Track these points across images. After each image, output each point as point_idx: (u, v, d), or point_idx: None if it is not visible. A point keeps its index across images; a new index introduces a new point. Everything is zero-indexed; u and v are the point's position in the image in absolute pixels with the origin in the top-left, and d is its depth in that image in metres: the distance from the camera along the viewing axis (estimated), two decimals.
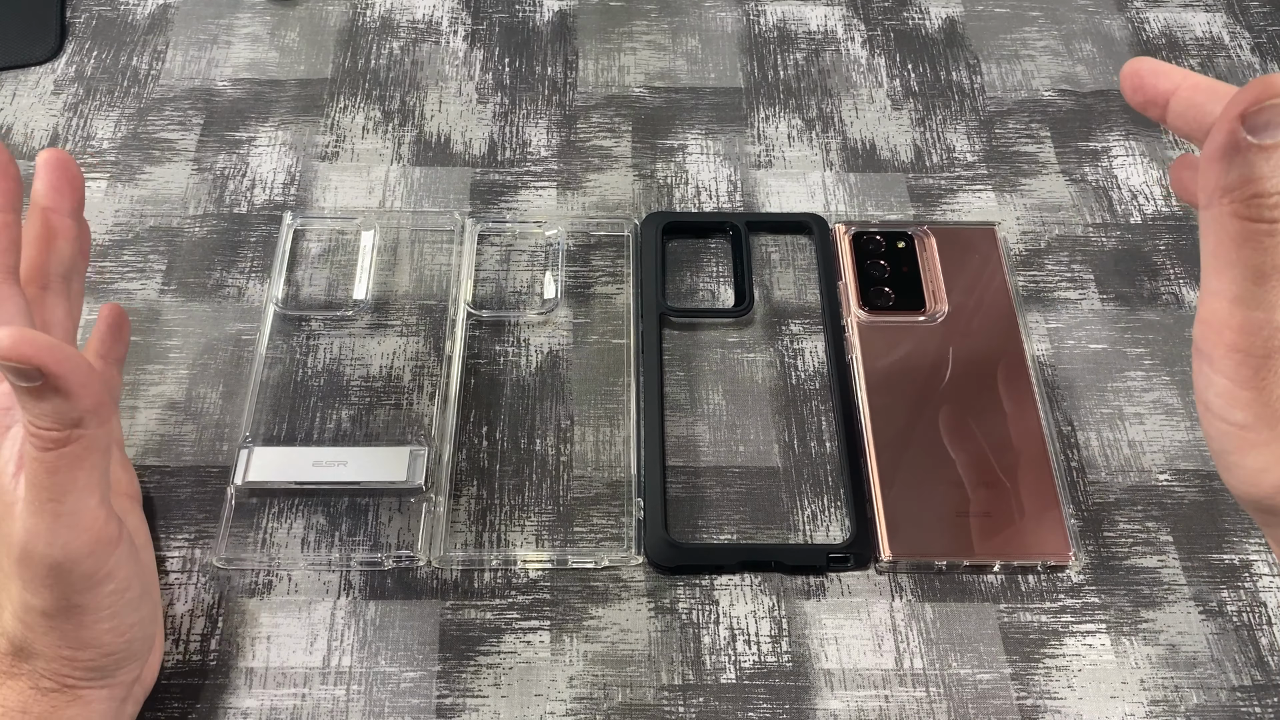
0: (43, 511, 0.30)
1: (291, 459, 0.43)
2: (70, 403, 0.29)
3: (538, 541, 0.42)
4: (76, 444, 0.30)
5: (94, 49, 0.57)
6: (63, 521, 0.31)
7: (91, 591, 0.32)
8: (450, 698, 0.39)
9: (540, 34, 0.58)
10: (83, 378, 0.29)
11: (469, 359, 0.46)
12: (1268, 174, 0.24)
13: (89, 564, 0.32)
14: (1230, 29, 0.59)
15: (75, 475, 0.30)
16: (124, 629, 0.34)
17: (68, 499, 0.30)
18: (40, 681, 0.33)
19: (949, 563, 0.41)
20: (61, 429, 0.29)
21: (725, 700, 0.39)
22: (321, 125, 0.54)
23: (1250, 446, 0.26)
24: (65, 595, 0.32)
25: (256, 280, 0.49)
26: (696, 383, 0.46)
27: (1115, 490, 0.44)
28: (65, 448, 0.30)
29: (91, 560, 0.32)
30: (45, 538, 0.30)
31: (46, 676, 0.33)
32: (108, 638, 0.33)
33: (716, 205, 0.51)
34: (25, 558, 0.31)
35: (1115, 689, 0.39)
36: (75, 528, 0.31)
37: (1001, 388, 0.45)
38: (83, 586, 0.32)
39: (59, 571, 0.31)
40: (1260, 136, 0.24)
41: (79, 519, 0.31)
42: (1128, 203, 0.52)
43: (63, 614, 0.32)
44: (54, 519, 0.30)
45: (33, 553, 0.31)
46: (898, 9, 0.60)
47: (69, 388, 0.28)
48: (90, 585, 0.32)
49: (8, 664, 0.33)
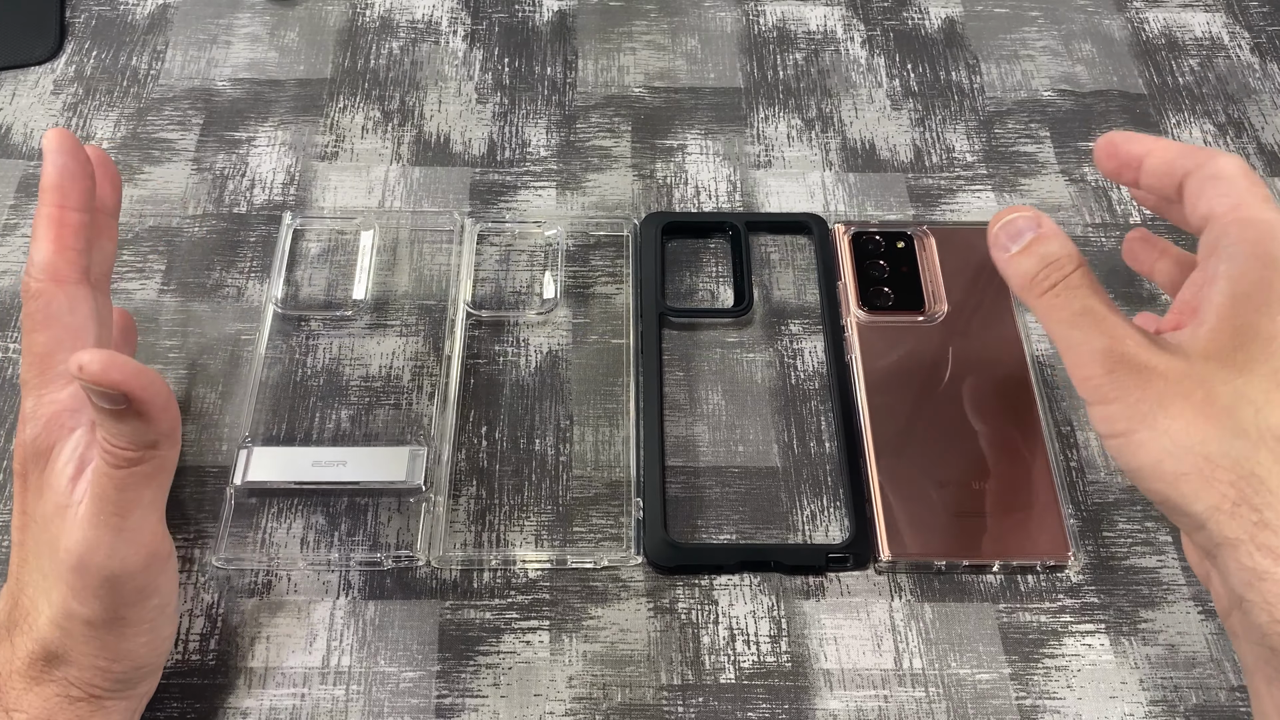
0: (106, 525, 0.31)
1: (291, 459, 0.43)
2: (149, 426, 0.30)
3: (537, 541, 0.42)
4: (148, 464, 0.31)
5: (94, 49, 0.57)
6: (124, 537, 0.31)
7: (139, 605, 0.33)
8: (450, 698, 0.39)
9: (540, 34, 0.58)
10: (163, 402, 0.30)
11: (468, 359, 0.46)
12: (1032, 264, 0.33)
13: (142, 578, 0.32)
14: (1230, 29, 0.59)
15: (142, 493, 0.31)
16: (158, 642, 0.35)
17: (132, 515, 0.31)
18: (69, 690, 0.33)
19: (948, 563, 0.41)
20: (136, 450, 0.30)
21: (725, 700, 0.39)
22: (321, 125, 0.54)
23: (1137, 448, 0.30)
24: (114, 607, 0.32)
25: (256, 280, 0.49)
26: (696, 383, 0.46)
27: (1115, 490, 0.44)
28: (137, 467, 0.30)
29: (145, 575, 0.32)
30: (105, 550, 0.31)
31: (76, 685, 0.33)
32: (143, 650, 0.34)
33: (716, 205, 0.51)
34: (81, 568, 0.31)
35: (1115, 689, 0.39)
36: (135, 543, 0.32)
37: (1001, 388, 0.45)
38: (132, 600, 0.33)
39: (113, 584, 0.32)
40: (1017, 245, 0.33)
41: (140, 535, 0.32)
42: (1127, 203, 0.52)
43: (107, 625, 0.33)
44: (116, 533, 0.31)
45: (90, 564, 0.31)
46: (897, 9, 0.60)
47: (150, 412, 0.29)
48: (140, 599, 0.33)
49: (38, 670, 0.33)
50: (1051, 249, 0.33)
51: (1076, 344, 0.32)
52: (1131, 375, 0.30)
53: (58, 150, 0.33)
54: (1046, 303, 0.33)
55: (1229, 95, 0.56)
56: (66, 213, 0.33)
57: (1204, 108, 0.56)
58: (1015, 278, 0.34)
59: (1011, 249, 0.34)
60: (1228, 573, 0.29)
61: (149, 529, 0.32)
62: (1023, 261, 0.33)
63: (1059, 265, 0.32)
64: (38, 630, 0.32)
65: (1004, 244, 0.34)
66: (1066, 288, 0.32)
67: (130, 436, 0.30)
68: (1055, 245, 0.33)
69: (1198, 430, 0.29)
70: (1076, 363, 0.32)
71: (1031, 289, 0.33)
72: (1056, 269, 0.32)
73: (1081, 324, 0.31)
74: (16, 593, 0.33)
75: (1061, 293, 0.32)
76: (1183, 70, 0.57)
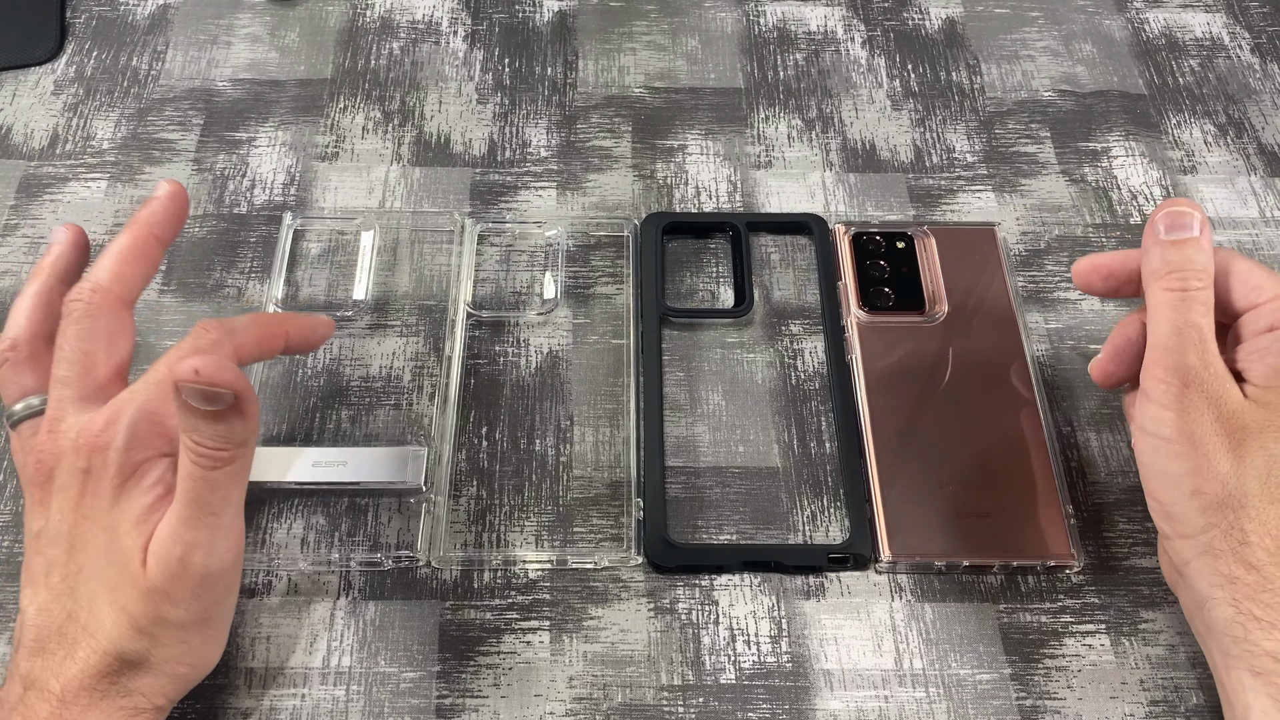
0: (202, 525, 0.32)
1: (291, 459, 0.43)
2: (245, 423, 0.31)
3: (537, 542, 0.42)
4: (239, 461, 0.32)
5: (94, 49, 0.57)
6: (220, 534, 0.33)
7: (225, 601, 0.35)
8: (450, 698, 0.39)
9: (540, 34, 0.58)
10: (254, 401, 0.32)
11: (469, 359, 0.46)
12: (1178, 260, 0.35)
13: (233, 573, 0.34)
14: (1230, 29, 0.59)
15: (233, 490, 0.33)
16: (222, 642, 0.36)
17: (226, 512, 0.33)
18: (137, 701, 0.33)
19: (948, 563, 0.41)
20: (231, 448, 0.32)
21: (725, 700, 0.39)
22: (321, 125, 0.54)
23: (1173, 457, 0.34)
24: (208, 606, 0.34)
25: (256, 280, 0.49)
26: (696, 383, 0.46)
27: (1115, 490, 0.44)
28: (230, 465, 0.32)
29: (235, 570, 0.34)
30: (205, 549, 0.32)
31: (146, 695, 0.33)
32: (215, 650, 0.36)
33: (716, 205, 0.51)
34: (182, 571, 0.32)
35: (1115, 689, 0.39)
36: (230, 539, 0.33)
37: (1001, 388, 0.45)
38: (221, 597, 0.35)
39: (209, 581, 0.33)
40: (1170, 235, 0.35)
41: (233, 531, 0.33)
42: (1127, 203, 0.52)
43: (197, 625, 0.34)
44: (213, 532, 0.32)
45: (191, 564, 0.32)
46: (898, 9, 0.60)
47: (247, 410, 0.31)
48: (226, 595, 0.35)
49: (106, 683, 0.32)
50: (1200, 258, 0.35)
51: (1170, 349, 0.34)
52: (1198, 398, 0.34)
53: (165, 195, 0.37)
54: (1168, 298, 0.35)
55: (1229, 95, 0.56)
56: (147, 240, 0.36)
57: (1204, 108, 0.56)
58: (1155, 261, 0.36)
59: (1167, 236, 0.35)
60: (1199, 575, 0.34)
61: (238, 525, 0.34)
62: (1170, 252, 0.35)
63: (1197, 275, 0.35)
64: (107, 640, 0.32)
65: (1161, 228, 0.36)
66: (1192, 298, 0.35)
67: (227, 436, 0.31)
68: (1204, 257, 0.35)
69: (1227, 464, 0.33)
70: (1160, 362, 0.34)
71: (1163, 280, 0.35)
72: (1195, 277, 0.35)
73: (1186, 334, 0.34)
74: (71, 606, 0.33)
75: (1185, 299, 0.35)
76: (1183, 70, 0.57)
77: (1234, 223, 0.51)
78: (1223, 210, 0.52)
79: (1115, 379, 0.39)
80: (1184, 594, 0.36)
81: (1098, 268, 0.39)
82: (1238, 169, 0.53)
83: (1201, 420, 0.33)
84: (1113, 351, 0.39)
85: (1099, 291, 0.40)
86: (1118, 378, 0.39)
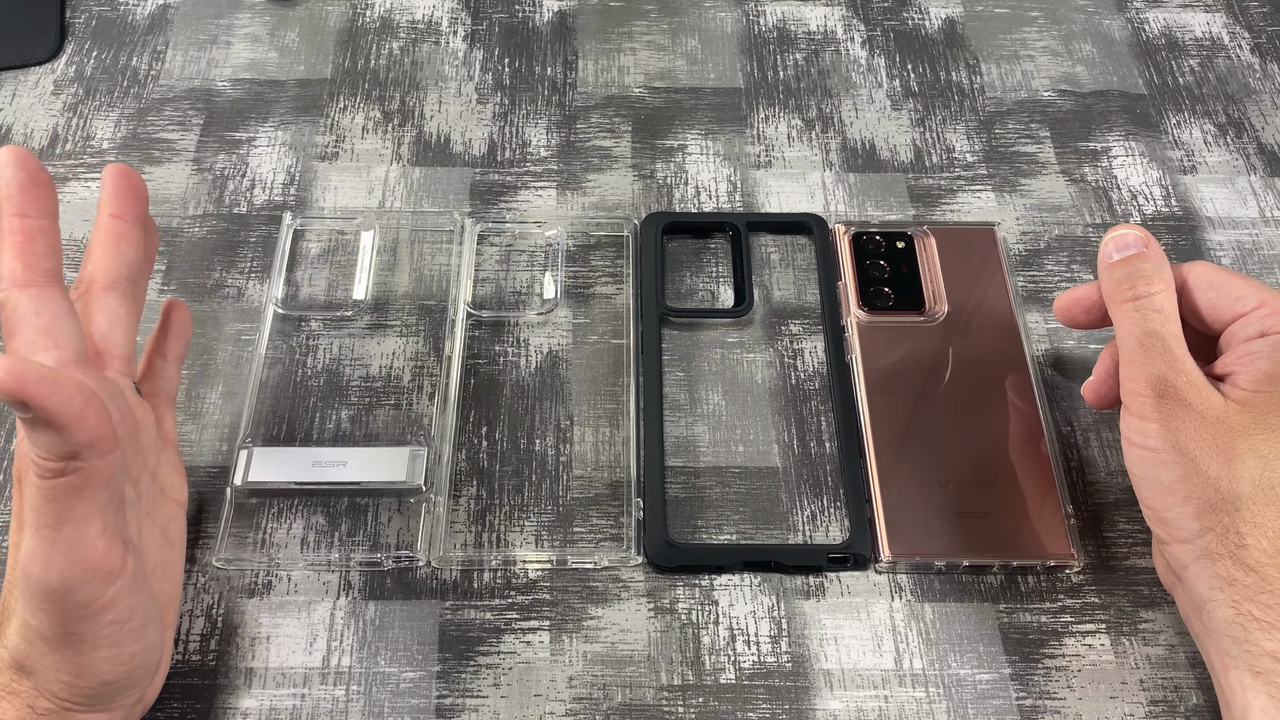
0: (39, 536, 0.30)
1: (291, 459, 0.43)
2: (62, 437, 0.28)
3: (537, 542, 0.42)
4: (73, 475, 0.29)
5: (94, 49, 0.57)
6: (58, 549, 0.30)
7: (88, 621, 0.32)
8: (450, 698, 0.39)
9: (540, 34, 0.58)
10: (77, 412, 0.28)
11: (469, 359, 0.46)
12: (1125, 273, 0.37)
13: (84, 593, 0.31)
14: (1230, 29, 0.59)
15: (71, 505, 0.30)
16: (124, 659, 0.33)
17: (64, 527, 0.30)
18: (37, 701, 0.33)
19: (948, 563, 0.41)
20: (56, 460, 0.29)
21: (725, 701, 0.39)
22: (321, 125, 0.54)
23: (1163, 465, 0.35)
24: (62, 622, 0.31)
25: (256, 280, 0.49)
26: (696, 383, 0.46)
27: (1115, 490, 0.44)
28: (60, 479, 0.29)
29: (87, 590, 0.31)
30: (41, 562, 0.30)
31: (44, 697, 0.33)
32: (105, 667, 0.33)
33: (716, 205, 0.51)
34: (25, 578, 0.31)
35: (1115, 689, 0.39)
36: (71, 556, 0.30)
37: (1001, 388, 0.45)
38: (79, 615, 0.31)
39: (54, 597, 0.31)
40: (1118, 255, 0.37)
41: (75, 548, 0.30)
42: (1127, 203, 0.52)
43: (59, 640, 0.32)
44: (50, 545, 0.30)
45: (29, 575, 0.30)
46: (897, 9, 0.60)
47: (61, 422, 0.28)
48: (87, 615, 0.31)
49: (8, 678, 0.33)
50: (1146, 267, 0.36)
51: (1138, 361, 0.35)
52: (1176, 406, 0.34)
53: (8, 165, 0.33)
54: (1124, 312, 0.36)
55: (1229, 95, 0.56)
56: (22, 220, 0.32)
57: (1204, 108, 0.56)
58: (1106, 283, 0.37)
59: (1114, 257, 0.37)
60: (1197, 578, 0.34)
61: (86, 542, 0.30)
62: (1119, 269, 0.37)
63: (1145, 280, 0.36)
64: (7, 638, 0.33)
65: (1109, 252, 0.37)
66: (1148, 307, 0.36)
67: (47, 447, 0.28)
68: (1150, 266, 0.36)
69: (1217, 468, 0.34)
70: (1132, 377, 0.35)
71: (1115, 295, 0.37)
72: (1142, 282, 0.36)
73: (1148, 345, 0.35)
74: (6, 596, 0.33)
75: (1141, 309, 0.36)
76: (1183, 70, 0.57)
77: (1234, 223, 0.51)
78: (1223, 210, 0.52)
79: (1108, 400, 0.40)
80: (1181, 595, 0.37)
81: (1077, 301, 0.40)
82: (1238, 169, 0.53)
83: (1184, 428, 0.34)
84: (1103, 373, 0.40)
85: (1083, 324, 0.41)
86: (1110, 399, 0.40)
